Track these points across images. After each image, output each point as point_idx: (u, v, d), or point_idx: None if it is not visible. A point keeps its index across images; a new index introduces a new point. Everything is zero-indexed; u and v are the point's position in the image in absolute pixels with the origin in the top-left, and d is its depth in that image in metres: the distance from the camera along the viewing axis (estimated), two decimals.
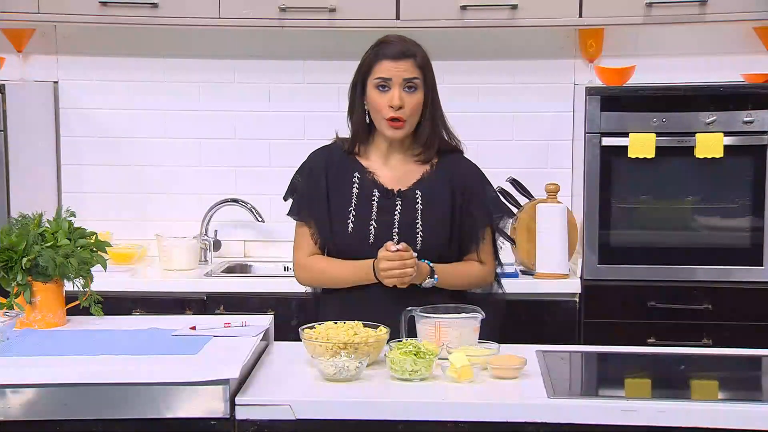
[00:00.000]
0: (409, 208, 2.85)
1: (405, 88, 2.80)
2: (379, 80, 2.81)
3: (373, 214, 2.85)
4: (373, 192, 2.86)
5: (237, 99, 4.26)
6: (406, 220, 2.84)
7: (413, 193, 2.87)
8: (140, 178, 4.28)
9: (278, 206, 4.21)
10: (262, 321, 2.74)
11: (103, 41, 4.22)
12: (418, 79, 2.82)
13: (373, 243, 2.82)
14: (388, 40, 2.86)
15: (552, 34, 4.16)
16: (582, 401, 2.32)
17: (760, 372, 2.71)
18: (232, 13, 3.83)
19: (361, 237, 2.83)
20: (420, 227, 2.83)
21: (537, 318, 3.68)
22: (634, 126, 3.71)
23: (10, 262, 2.64)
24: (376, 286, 2.80)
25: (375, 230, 2.83)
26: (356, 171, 2.89)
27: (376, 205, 2.85)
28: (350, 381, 2.39)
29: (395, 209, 2.85)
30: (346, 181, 2.89)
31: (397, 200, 2.86)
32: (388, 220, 2.84)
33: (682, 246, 3.77)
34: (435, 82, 2.88)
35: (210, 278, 3.90)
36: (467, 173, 2.93)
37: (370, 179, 2.88)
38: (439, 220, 2.85)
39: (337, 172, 2.90)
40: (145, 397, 2.26)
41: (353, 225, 2.85)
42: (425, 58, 2.85)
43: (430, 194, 2.87)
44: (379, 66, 2.82)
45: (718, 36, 4.07)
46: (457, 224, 2.88)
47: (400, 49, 2.82)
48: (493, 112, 4.21)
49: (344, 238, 2.85)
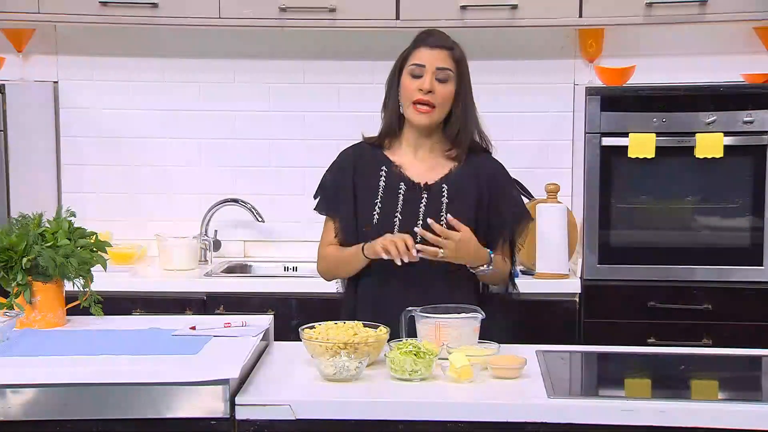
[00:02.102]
0: (435, 201, 2.86)
1: (437, 78, 2.82)
2: (413, 66, 2.84)
3: (399, 206, 2.86)
4: (400, 185, 2.88)
5: (237, 99, 4.26)
6: (430, 213, 2.83)
7: (439, 187, 2.87)
8: (140, 178, 4.28)
9: (278, 206, 4.26)
10: (262, 321, 2.74)
11: (103, 41, 4.22)
12: (451, 71, 2.83)
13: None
14: (430, 32, 2.91)
15: (552, 34, 4.16)
16: (582, 401, 2.32)
17: (760, 372, 2.71)
18: (232, 13, 3.83)
19: (385, 229, 2.83)
20: (445, 220, 2.83)
21: (537, 318, 3.68)
22: (634, 126, 3.71)
23: (10, 262, 2.64)
24: (401, 281, 2.81)
25: (400, 222, 2.84)
26: (384, 165, 2.91)
27: (402, 197, 2.86)
28: (350, 381, 2.39)
29: (421, 202, 2.86)
30: (373, 174, 2.90)
31: (423, 193, 2.87)
32: (413, 213, 2.85)
33: (682, 246, 3.77)
34: (470, 81, 2.89)
35: (210, 278, 3.90)
36: (495, 172, 2.95)
37: (397, 172, 2.89)
38: (464, 214, 2.84)
39: (365, 167, 2.91)
40: (145, 397, 2.26)
41: (378, 217, 2.85)
42: (463, 55, 2.88)
43: (456, 189, 2.87)
44: (416, 53, 2.85)
45: (718, 36, 4.07)
46: (483, 221, 2.88)
47: (438, 39, 2.86)
48: (493, 112, 4.18)
49: (369, 229, 2.85)
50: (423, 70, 2.82)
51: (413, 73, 2.83)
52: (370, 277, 2.87)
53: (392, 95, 2.91)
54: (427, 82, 2.81)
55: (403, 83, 2.85)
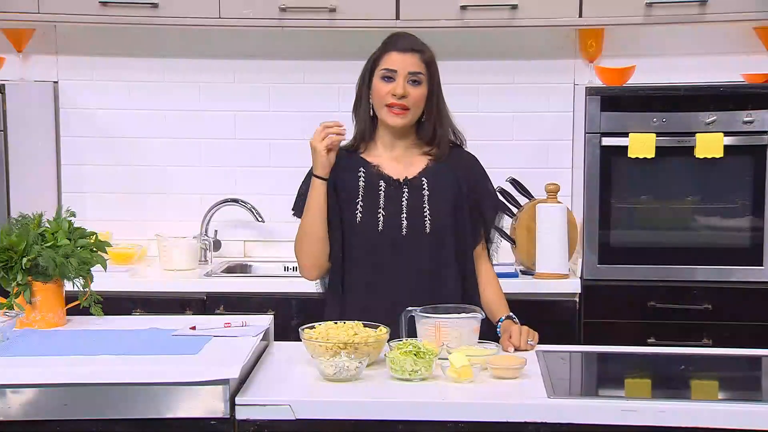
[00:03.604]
0: (416, 194, 2.88)
1: (409, 81, 2.84)
2: (385, 71, 2.85)
3: (381, 202, 2.87)
4: (380, 182, 2.89)
5: (237, 99, 4.26)
6: (413, 206, 2.86)
7: (419, 181, 2.89)
8: (140, 178, 4.28)
9: (278, 206, 4.23)
10: (262, 321, 2.74)
11: (103, 41, 4.22)
12: (422, 74, 2.85)
13: (382, 231, 2.85)
14: (398, 35, 2.93)
15: (552, 34, 4.16)
16: (582, 401, 2.32)
17: (760, 372, 2.71)
18: (232, 13, 3.83)
19: (370, 226, 2.85)
20: (428, 211, 2.86)
21: (537, 318, 3.66)
22: (634, 126, 3.71)
23: (10, 262, 2.64)
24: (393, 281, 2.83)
25: (383, 218, 2.85)
26: (361, 166, 2.92)
27: (383, 194, 2.88)
28: (350, 381, 2.39)
29: (402, 196, 2.87)
30: (352, 177, 2.91)
31: (403, 188, 2.88)
32: (396, 208, 2.86)
33: (682, 246, 3.77)
34: (440, 82, 2.91)
35: (210, 278, 3.90)
36: (470, 165, 2.98)
37: (375, 171, 2.91)
38: (445, 206, 2.88)
39: (343, 171, 2.91)
40: (145, 397, 2.26)
41: (361, 215, 2.86)
42: (432, 57, 2.90)
43: (435, 182, 2.89)
44: (386, 57, 2.86)
45: (718, 36, 4.07)
46: (465, 212, 2.91)
47: (408, 43, 2.88)
48: (493, 112, 4.21)
49: (353, 228, 2.87)
50: (395, 74, 2.83)
51: (384, 76, 2.85)
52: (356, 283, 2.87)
53: (363, 98, 2.93)
54: (400, 87, 2.82)
55: (375, 87, 2.86)
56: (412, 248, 2.85)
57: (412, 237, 2.84)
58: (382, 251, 2.85)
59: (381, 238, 2.84)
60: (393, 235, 2.85)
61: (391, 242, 2.85)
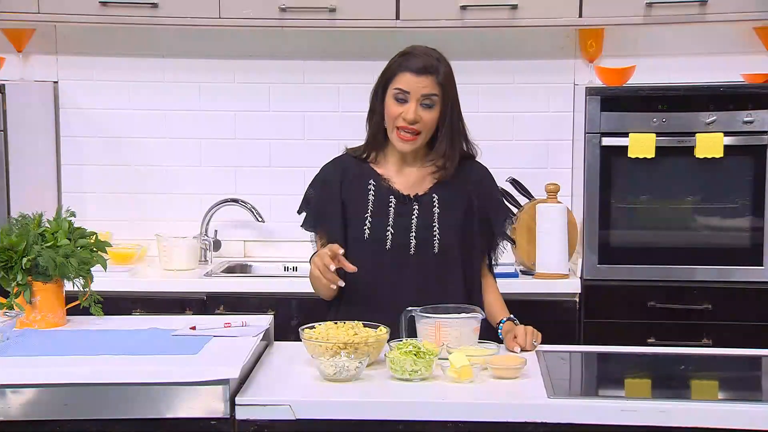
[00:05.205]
0: (426, 211, 2.86)
1: (422, 104, 2.80)
2: (397, 91, 2.81)
3: (390, 219, 2.85)
4: (390, 198, 2.87)
5: (237, 99, 4.26)
6: (423, 224, 2.84)
7: (430, 198, 2.87)
8: (140, 178, 4.28)
9: (278, 206, 4.26)
10: (262, 321, 2.74)
11: (103, 41, 4.22)
12: (436, 96, 2.81)
13: (390, 248, 2.83)
14: (415, 53, 2.84)
15: (552, 34, 4.16)
16: (582, 401, 2.32)
17: (760, 372, 2.71)
18: (232, 13, 3.83)
19: (378, 242, 2.83)
20: (437, 230, 2.83)
21: (537, 318, 3.66)
22: (634, 126, 3.71)
23: (10, 262, 2.64)
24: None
25: (392, 236, 2.84)
26: (371, 178, 2.90)
27: (393, 211, 2.86)
28: (350, 381, 2.39)
29: (412, 214, 2.86)
30: (362, 188, 2.89)
31: (414, 205, 2.86)
32: (405, 225, 2.84)
33: (682, 246, 3.77)
34: (456, 96, 2.87)
35: (210, 278, 3.90)
36: (482, 179, 2.95)
37: (386, 186, 2.89)
38: (455, 222, 2.86)
39: (352, 181, 2.90)
40: (145, 397, 2.26)
41: (370, 231, 2.85)
42: (448, 74, 2.84)
43: (446, 197, 2.88)
44: (400, 77, 2.81)
45: (718, 36, 4.07)
46: (474, 225, 2.89)
47: (423, 63, 2.81)
48: (493, 112, 4.21)
49: (361, 244, 2.84)
50: (408, 96, 2.80)
51: (397, 97, 2.81)
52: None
53: (378, 109, 2.88)
54: (412, 112, 2.79)
55: (388, 106, 2.83)
56: (419, 267, 2.83)
57: (419, 256, 2.82)
58: (389, 269, 2.83)
59: (388, 257, 2.83)
60: (401, 254, 2.83)
61: (399, 261, 2.83)
